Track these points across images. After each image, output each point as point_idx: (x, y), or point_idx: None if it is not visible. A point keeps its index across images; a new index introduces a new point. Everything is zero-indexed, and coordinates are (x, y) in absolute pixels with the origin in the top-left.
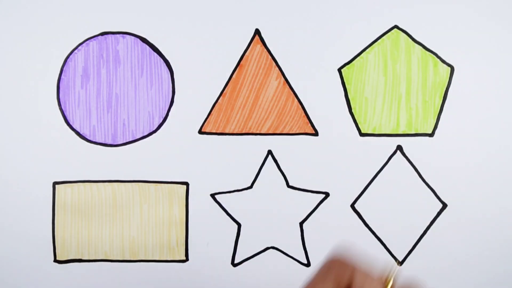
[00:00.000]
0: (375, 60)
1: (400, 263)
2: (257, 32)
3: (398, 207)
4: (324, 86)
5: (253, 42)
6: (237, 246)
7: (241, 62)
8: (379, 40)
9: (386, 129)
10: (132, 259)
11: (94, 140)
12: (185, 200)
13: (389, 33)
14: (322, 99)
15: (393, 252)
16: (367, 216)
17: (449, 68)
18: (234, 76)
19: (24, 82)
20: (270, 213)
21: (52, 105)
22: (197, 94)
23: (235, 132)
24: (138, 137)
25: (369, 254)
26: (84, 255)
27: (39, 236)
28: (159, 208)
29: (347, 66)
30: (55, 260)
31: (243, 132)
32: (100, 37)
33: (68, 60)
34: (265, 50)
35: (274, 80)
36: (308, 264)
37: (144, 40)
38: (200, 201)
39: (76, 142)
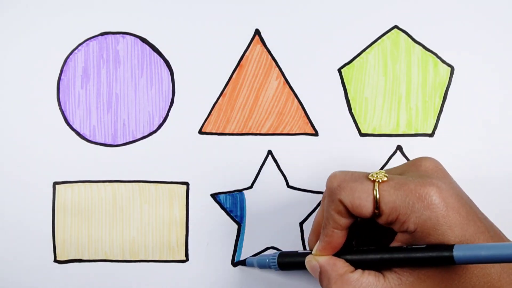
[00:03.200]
0: (375, 60)
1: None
2: (257, 32)
3: None
4: (324, 86)
5: (253, 42)
6: (237, 246)
7: (241, 62)
8: (379, 40)
9: (386, 129)
10: (132, 259)
11: (94, 140)
12: (185, 200)
13: (389, 33)
14: (322, 99)
15: None
16: None
17: (449, 68)
18: (234, 76)
19: (24, 82)
20: (270, 213)
21: (52, 105)
22: (197, 94)
23: (235, 132)
24: (138, 137)
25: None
26: (84, 255)
27: (39, 236)
28: (159, 208)
29: (347, 66)
30: (55, 260)
31: (243, 132)
32: (100, 37)
33: (68, 60)
34: (265, 50)
35: (274, 80)
36: None
37: (144, 40)
38: (200, 201)
39: (76, 142)
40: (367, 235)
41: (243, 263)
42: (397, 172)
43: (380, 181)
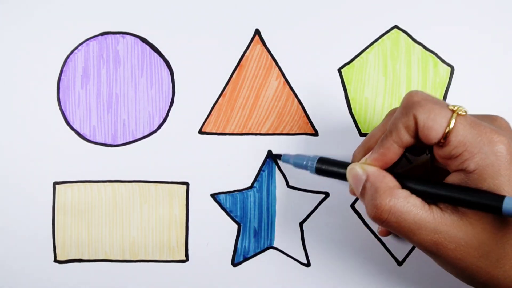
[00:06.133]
0: (375, 60)
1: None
2: (257, 32)
3: None
4: (324, 86)
5: (253, 42)
6: (237, 246)
7: (241, 62)
8: (379, 40)
9: None
10: (132, 259)
11: (94, 140)
12: (185, 200)
13: (389, 33)
14: (322, 99)
15: (393, 252)
16: (367, 216)
17: (449, 68)
18: (234, 76)
19: (24, 82)
20: (270, 213)
21: (52, 105)
22: (197, 94)
23: (235, 132)
24: (138, 137)
25: None
26: (84, 255)
27: (39, 236)
28: (159, 208)
29: (347, 66)
30: (55, 260)
31: (243, 132)
32: (100, 37)
33: (68, 60)
34: (265, 50)
35: (274, 80)
36: (308, 264)
37: (144, 40)
38: (200, 201)
39: (76, 142)
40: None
41: (278, 157)
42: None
43: (459, 113)
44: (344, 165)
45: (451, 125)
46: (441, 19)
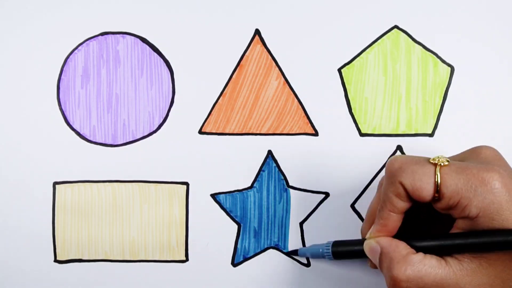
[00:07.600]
0: (375, 60)
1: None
2: (257, 32)
3: None
4: (324, 86)
5: (253, 42)
6: (237, 246)
7: (241, 62)
8: (379, 40)
9: (386, 129)
10: (132, 259)
11: (94, 140)
12: (185, 200)
13: (389, 33)
14: (322, 99)
15: None
16: None
17: (449, 68)
18: (234, 76)
19: (24, 82)
20: (270, 213)
21: (52, 105)
22: (197, 94)
23: (235, 132)
24: (138, 137)
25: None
26: (84, 255)
27: (39, 236)
28: (159, 208)
29: (347, 66)
30: (55, 260)
31: (243, 132)
32: (100, 37)
33: (68, 60)
34: (265, 50)
35: (274, 80)
36: (308, 264)
37: (144, 40)
38: (200, 201)
39: (76, 142)
40: (422, 224)
41: (295, 253)
42: (457, 159)
43: (442, 164)
44: (358, 243)
45: (438, 179)
46: (441, 19)
